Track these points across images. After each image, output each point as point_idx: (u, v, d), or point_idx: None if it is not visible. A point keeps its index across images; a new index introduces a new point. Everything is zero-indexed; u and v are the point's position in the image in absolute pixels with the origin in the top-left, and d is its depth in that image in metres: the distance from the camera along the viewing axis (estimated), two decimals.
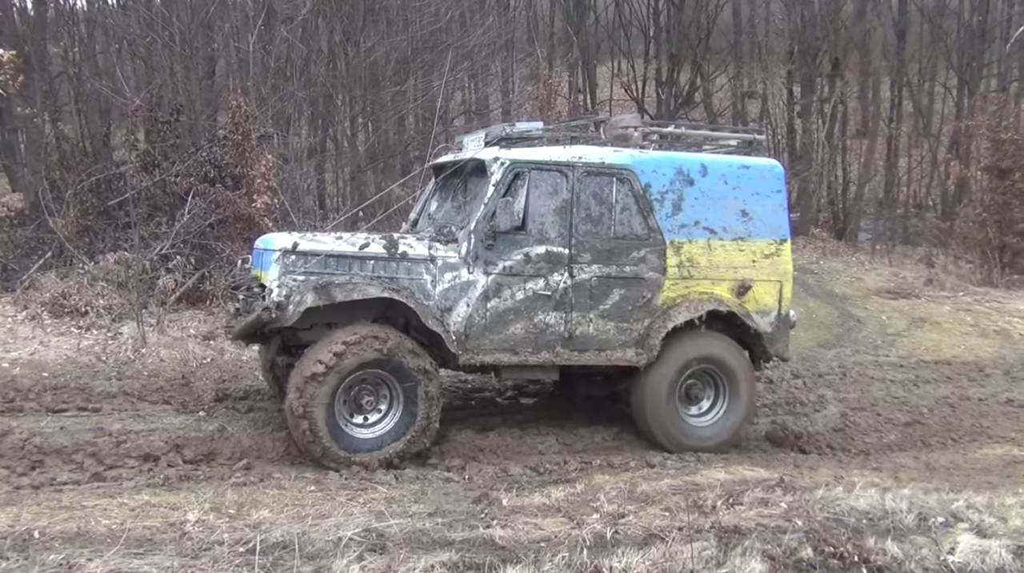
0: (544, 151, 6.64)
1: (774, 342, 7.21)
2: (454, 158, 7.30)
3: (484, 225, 6.41)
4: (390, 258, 6.35)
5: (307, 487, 5.60)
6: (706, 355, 6.96)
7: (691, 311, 6.83)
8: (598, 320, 6.73)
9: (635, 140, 6.95)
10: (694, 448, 6.85)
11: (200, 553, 4.19)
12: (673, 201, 6.87)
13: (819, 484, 5.77)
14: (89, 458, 5.99)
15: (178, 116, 12.19)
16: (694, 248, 6.92)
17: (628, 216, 6.78)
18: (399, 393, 6.23)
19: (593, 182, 6.69)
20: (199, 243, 10.78)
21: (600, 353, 6.76)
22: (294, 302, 6.03)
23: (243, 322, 6.31)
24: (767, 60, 24.62)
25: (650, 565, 4.18)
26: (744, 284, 7.05)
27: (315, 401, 5.94)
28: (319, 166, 15.15)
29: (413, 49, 16.23)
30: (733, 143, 7.43)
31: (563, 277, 6.61)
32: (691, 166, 6.94)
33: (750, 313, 7.07)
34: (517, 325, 6.56)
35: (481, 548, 4.41)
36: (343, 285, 6.13)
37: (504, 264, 6.48)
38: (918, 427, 8.09)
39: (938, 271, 16.77)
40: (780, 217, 7.20)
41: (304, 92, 14.19)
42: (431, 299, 6.37)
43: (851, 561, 4.37)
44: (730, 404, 7.07)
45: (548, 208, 6.61)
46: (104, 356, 8.99)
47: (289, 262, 6.20)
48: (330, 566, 4.04)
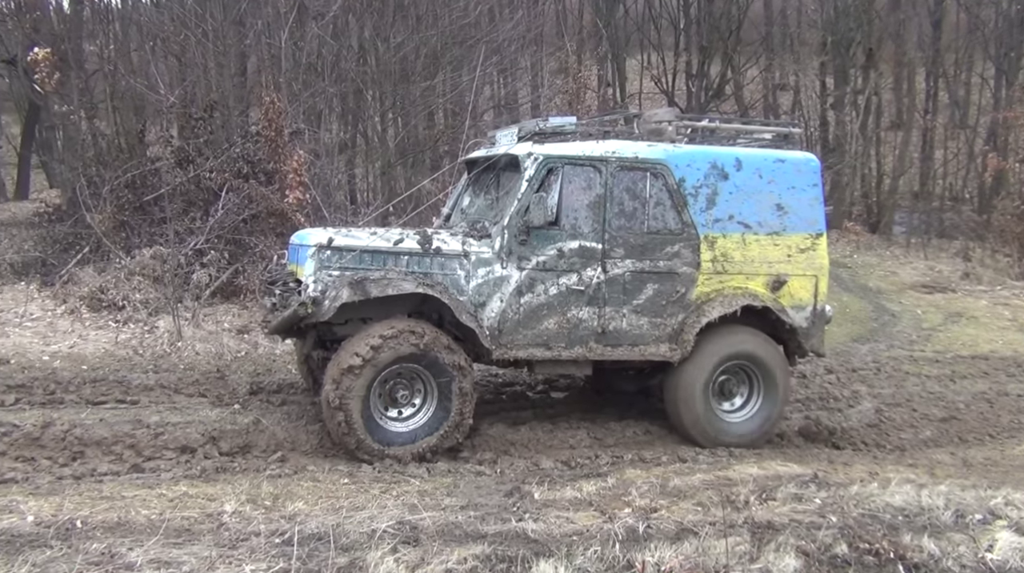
0: (577, 146, 6.64)
1: (809, 337, 7.15)
2: (487, 153, 7.32)
3: (517, 220, 6.43)
4: (424, 253, 6.39)
5: (341, 480, 5.66)
6: (741, 351, 6.93)
7: (725, 306, 6.80)
8: (631, 315, 6.72)
9: (669, 134, 6.92)
10: (727, 444, 6.84)
11: (237, 543, 4.25)
12: (707, 195, 6.84)
13: (854, 480, 5.72)
14: (128, 449, 6.11)
15: (211, 112, 12.31)
16: (728, 243, 6.89)
17: (662, 211, 6.76)
18: (433, 388, 6.27)
19: (627, 177, 6.68)
20: (233, 238, 10.91)
21: (633, 348, 6.76)
22: (330, 297, 6.09)
23: (279, 317, 6.38)
24: (799, 51, 24.30)
25: (683, 560, 4.18)
26: (779, 279, 7.01)
27: (351, 394, 5.99)
28: (350, 161, 15.23)
29: (442, 44, 16.23)
30: (768, 137, 7.37)
31: (596, 272, 6.61)
32: (726, 160, 6.90)
33: (785, 308, 7.02)
34: (550, 320, 6.57)
35: (513, 541, 4.43)
36: (378, 281, 6.19)
37: (537, 259, 6.50)
38: (955, 423, 7.98)
39: (975, 265, 16.50)
40: (816, 211, 7.14)
41: (335, 88, 14.27)
42: (465, 294, 6.40)
43: (887, 558, 4.33)
44: (764, 400, 7.04)
45: (581, 203, 6.61)
46: (141, 349, 9.13)
47: (324, 257, 6.27)
48: (364, 558, 4.08)
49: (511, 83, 20.75)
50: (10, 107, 26.98)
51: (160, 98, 13.17)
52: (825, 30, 22.76)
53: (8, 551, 4.00)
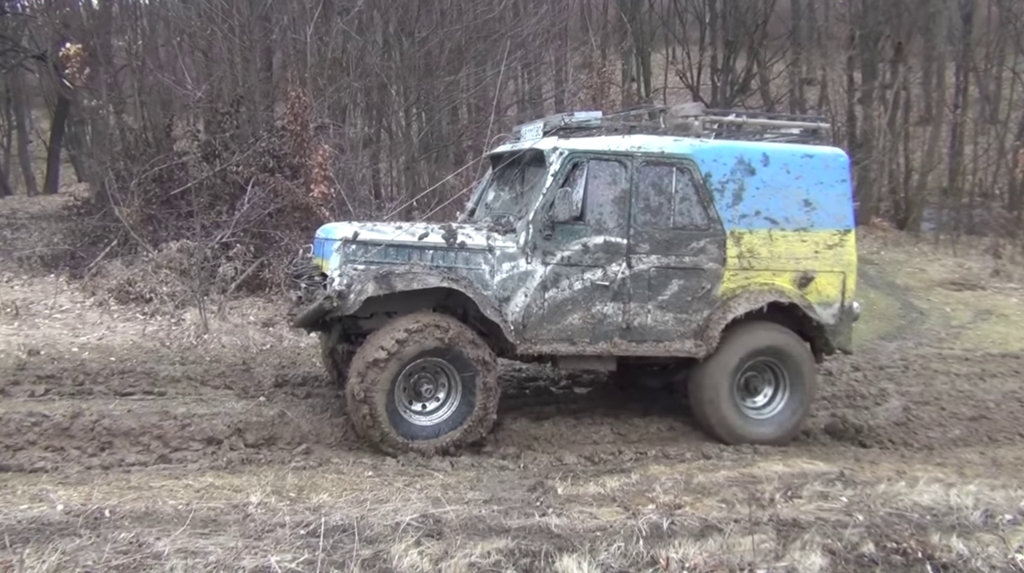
0: (603, 141, 6.62)
1: (836, 334, 7.09)
2: (512, 148, 7.30)
3: (542, 215, 6.42)
4: (449, 248, 6.40)
5: (365, 472, 5.69)
6: (767, 347, 6.88)
7: (751, 302, 6.76)
8: (656, 311, 6.69)
9: (695, 129, 6.88)
10: (753, 440, 6.79)
11: (263, 534, 4.29)
12: (734, 191, 6.79)
13: (881, 478, 5.68)
14: (155, 440, 6.17)
15: (237, 107, 12.40)
16: (755, 239, 6.84)
17: (688, 206, 6.73)
18: (458, 382, 6.28)
19: (652, 172, 6.65)
20: (258, 231, 10.99)
21: (658, 344, 6.74)
22: (355, 291, 6.11)
23: (305, 310, 6.42)
24: (827, 46, 24.04)
25: (707, 556, 4.15)
26: (806, 275, 6.95)
27: (376, 386, 6.02)
28: (374, 156, 15.28)
29: (467, 39, 16.23)
30: (795, 132, 7.30)
31: (621, 267, 6.59)
32: (753, 155, 6.85)
33: (812, 304, 6.97)
34: (575, 315, 6.56)
35: (537, 536, 4.44)
36: (403, 275, 6.20)
37: (562, 254, 6.49)
38: (984, 422, 7.87)
39: (1005, 262, 16.26)
40: (844, 207, 7.08)
41: (359, 83, 14.31)
42: (489, 289, 6.41)
43: (914, 557, 4.28)
44: (790, 397, 7.00)
45: (607, 198, 6.59)
46: (168, 341, 9.23)
47: (349, 251, 6.30)
48: (388, 550, 4.10)
49: (535, 78, 20.68)
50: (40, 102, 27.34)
51: (187, 93, 13.29)
52: (853, 24, 22.49)
53: (38, 539, 4.06)
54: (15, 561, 3.74)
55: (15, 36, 20.82)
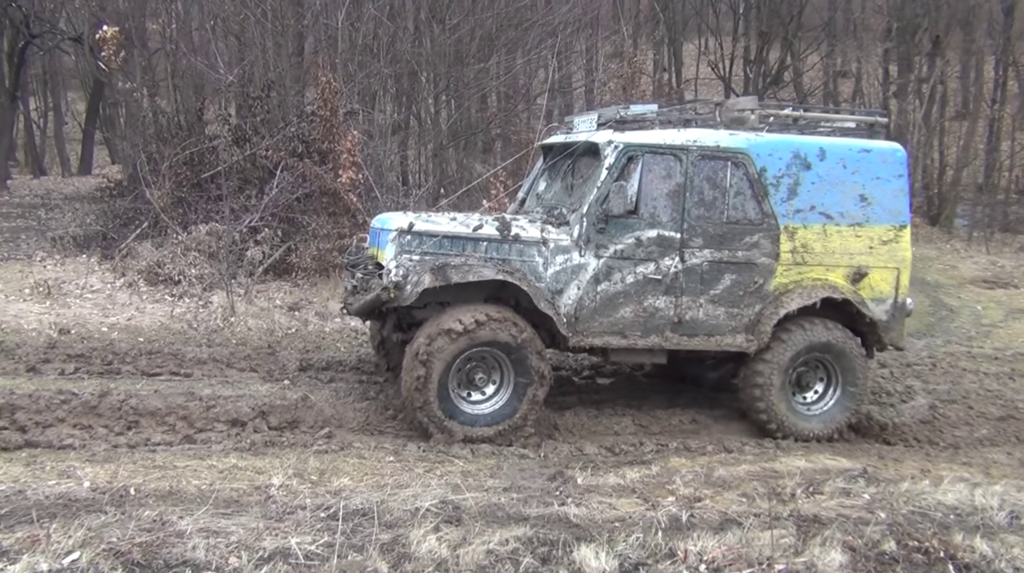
0: (658, 134, 6.61)
1: (889, 331, 7.07)
2: (564, 139, 7.31)
3: (596, 208, 6.44)
4: (503, 240, 6.43)
5: (386, 457, 5.72)
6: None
7: (804, 298, 6.74)
8: (708, 305, 6.70)
9: (751, 123, 6.83)
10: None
11: (284, 516, 4.34)
12: (789, 186, 6.77)
13: (904, 477, 5.62)
14: (181, 421, 6.26)
15: (268, 92, 12.48)
16: (809, 234, 6.82)
17: (742, 200, 6.72)
18: (510, 385, 6.34)
19: (707, 166, 6.64)
20: (286, 216, 11.06)
21: (709, 338, 6.75)
22: (412, 282, 6.17)
23: (362, 300, 6.49)
24: (863, 38, 23.69)
25: (726, 550, 4.15)
26: (860, 271, 6.92)
27: (440, 354, 6.07)
28: (402, 142, 15.31)
29: (497, 26, 16.19)
30: (851, 125, 7.21)
31: (674, 261, 6.60)
32: (809, 150, 6.81)
33: (865, 300, 6.93)
34: (626, 308, 6.58)
35: (555, 525, 4.45)
36: (459, 267, 6.23)
37: (615, 247, 6.50)
38: (1012, 422, 7.73)
39: None
40: (900, 202, 7.03)
41: (390, 69, 14.33)
42: (542, 281, 6.44)
43: (936, 557, 4.24)
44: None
45: (661, 192, 6.59)
46: (195, 324, 9.34)
47: (405, 242, 6.35)
48: (407, 535, 4.14)
49: (565, 67, 20.59)
50: (76, 84, 27.70)
51: (219, 77, 13.37)
52: (890, 16, 22.12)
53: (65, 515, 4.14)
54: (42, 536, 3.82)
55: (52, 18, 21.09)
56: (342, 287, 7.22)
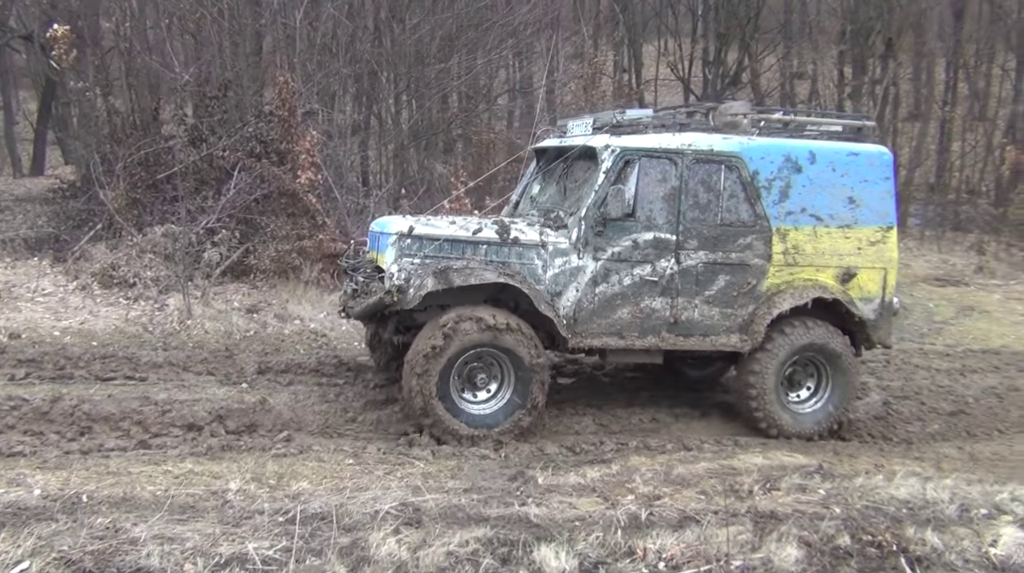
0: (654, 138, 6.72)
1: (877, 329, 7.24)
2: (560, 143, 7.39)
3: (594, 212, 6.54)
4: (502, 243, 6.51)
5: (345, 460, 5.70)
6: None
7: (796, 298, 6.89)
8: (703, 306, 6.82)
9: (744, 127, 6.95)
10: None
11: (241, 521, 4.29)
12: (780, 188, 6.90)
13: (859, 472, 5.73)
14: (135, 426, 6.17)
15: (225, 91, 12.29)
16: (800, 235, 6.96)
17: (735, 203, 6.84)
18: (508, 392, 6.41)
19: (702, 169, 6.76)
20: (244, 217, 10.91)
21: (705, 338, 6.86)
22: (414, 286, 6.22)
23: (364, 303, 6.50)
24: (818, 40, 24.04)
25: (684, 548, 4.18)
26: (849, 271, 7.08)
27: (462, 336, 6.16)
28: (363, 143, 15.20)
29: (458, 26, 16.14)
30: (836, 129, 7.37)
31: (670, 263, 6.71)
32: (799, 153, 6.95)
33: (854, 300, 7.08)
34: (624, 310, 6.69)
35: (516, 525, 4.45)
36: (461, 270, 6.31)
37: (613, 250, 6.62)
38: (963, 417, 7.94)
39: (989, 259, 16.34)
40: (887, 204, 7.20)
41: (349, 69, 14.21)
42: (541, 284, 6.52)
43: (889, 550, 4.32)
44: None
45: (657, 195, 6.71)
46: (151, 327, 9.19)
47: (405, 245, 6.41)
48: (367, 538, 4.11)
49: (526, 67, 20.62)
50: (27, 83, 27.06)
51: (175, 76, 13.14)
52: (844, 19, 22.49)
53: (14, 523, 4.05)
54: None
55: (2, 16, 20.58)
56: (341, 291, 7.29)
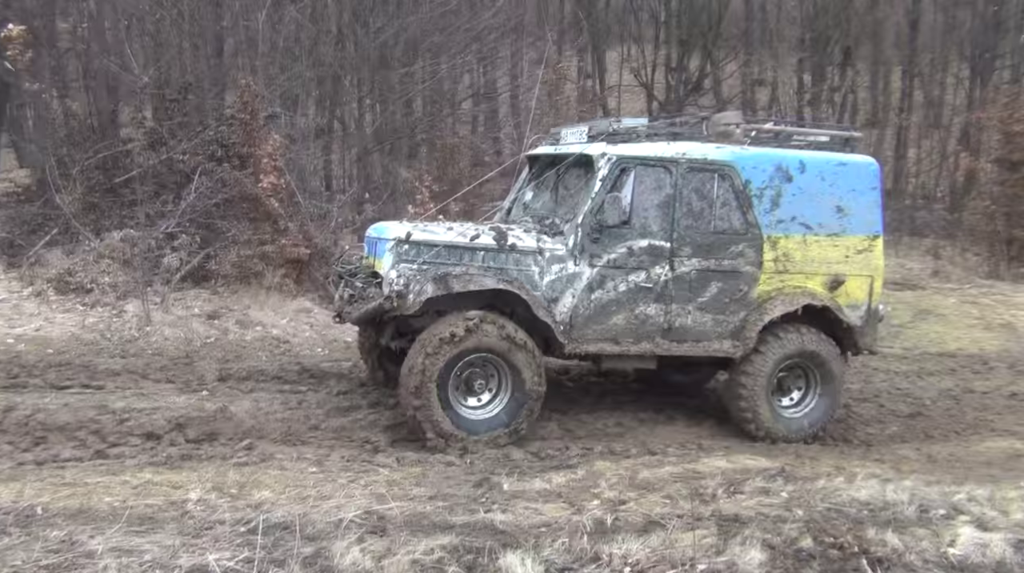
0: (649, 147, 6.81)
1: (864, 336, 7.36)
2: (555, 150, 7.45)
3: (591, 219, 6.59)
4: (500, 249, 6.53)
5: (308, 468, 5.62)
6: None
7: (786, 305, 7.00)
8: (696, 312, 6.90)
9: (737, 137, 7.05)
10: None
11: (201, 532, 4.21)
12: (772, 197, 7.00)
13: (820, 474, 5.78)
14: (92, 435, 6.03)
15: (186, 94, 12.13)
16: (790, 243, 7.06)
17: (728, 211, 6.93)
18: (498, 407, 6.45)
19: (696, 178, 6.84)
20: (204, 222, 10.76)
21: (698, 344, 6.94)
22: (414, 292, 6.23)
23: (362, 309, 6.48)
24: (778, 48, 24.40)
25: (650, 552, 4.19)
26: (837, 278, 7.19)
27: (482, 337, 6.21)
28: (326, 147, 15.10)
29: (422, 31, 16.12)
30: (824, 139, 7.49)
31: (664, 270, 6.78)
32: (790, 163, 7.05)
33: (842, 307, 7.20)
34: (619, 316, 6.74)
35: (481, 532, 4.43)
36: (460, 276, 6.35)
37: (608, 257, 6.66)
38: (921, 419, 8.07)
39: (945, 263, 16.67)
40: (874, 213, 7.33)
41: (312, 72, 14.12)
42: (538, 290, 6.57)
43: (850, 552, 4.37)
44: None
45: (652, 203, 6.77)
46: (108, 334, 9.01)
47: (403, 251, 6.40)
48: (330, 547, 4.06)
49: (490, 72, 20.66)
50: None
51: (134, 78, 12.94)
52: (804, 27, 22.88)
53: None
54: None
55: None
56: (336, 296, 7.26)
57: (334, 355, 9.09)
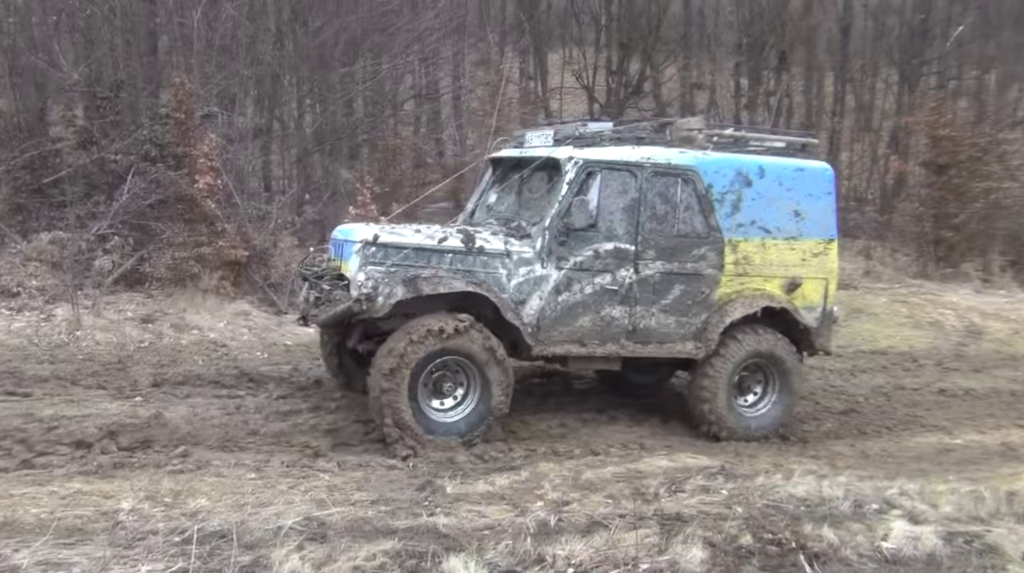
0: (615, 151, 6.87)
1: (819, 337, 7.53)
2: (520, 153, 7.45)
3: (558, 222, 6.64)
4: (468, 252, 6.53)
5: (246, 475, 5.52)
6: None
7: (747, 307, 7.12)
8: (660, 314, 6.98)
9: (700, 142, 7.13)
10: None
11: (134, 543, 4.10)
12: (732, 201, 7.11)
13: (759, 471, 5.88)
14: (18, 444, 5.81)
15: (118, 92, 11.81)
16: (750, 246, 7.19)
17: (691, 215, 7.03)
18: (458, 414, 6.46)
19: (660, 182, 6.92)
20: (138, 223, 10.51)
21: (661, 345, 7.04)
22: (384, 294, 6.21)
23: (331, 311, 6.40)
24: (716, 52, 24.80)
25: (593, 552, 4.21)
26: (794, 281, 7.34)
27: (466, 340, 6.24)
28: (264, 147, 14.84)
29: (363, 30, 15.95)
30: (779, 145, 7.62)
31: (629, 272, 6.85)
32: (750, 168, 7.18)
33: (799, 309, 7.34)
34: (585, 318, 6.79)
35: (424, 536, 4.40)
36: (429, 279, 6.35)
37: (575, 260, 6.71)
38: (854, 416, 8.27)
39: (876, 263, 17.10)
40: (829, 218, 7.53)
41: (250, 71, 13.85)
42: (505, 292, 6.58)
43: (788, 548, 4.46)
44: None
45: (617, 206, 6.84)
46: (36, 339, 8.73)
47: (370, 253, 6.36)
48: (269, 556, 4.00)
49: (432, 72, 20.55)
50: None
51: (63, 76, 12.55)
52: (741, 32, 23.28)
53: None
54: None
55: None
56: (300, 298, 7.21)
57: (273, 359, 8.94)
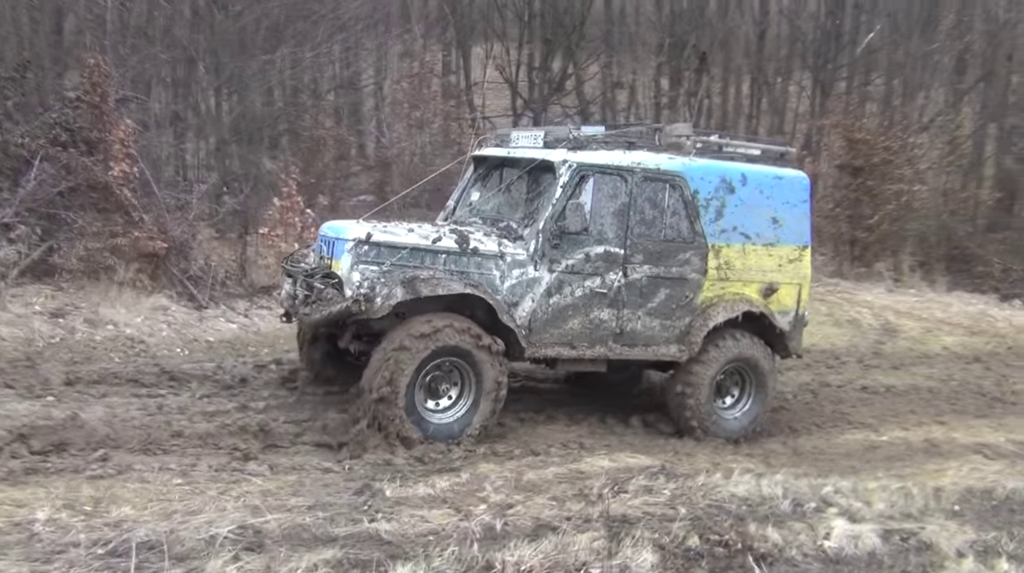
0: (607, 155, 6.94)
1: (791, 340, 7.75)
2: (508, 153, 7.42)
3: (551, 225, 6.68)
4: (462, 253, 6.53)
5: (173, 480, 5.24)
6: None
7: (728, 311, 7.28)
8: (646, 317, 7.08)
9: (687, 148, 7.21)
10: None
11: (52, 556, 3.84)
12: (716, 207, 7.27)
13: (699, 470, 5.92)
14: None
15: (23, 73, 11.15)
16: (731, 252, 7.36)
17: (677, 220, 7.15)
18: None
19: (649, 187, 7.01)
20: (47, 212, 9.93)
21: (647, 348, 7.13)
22: (382, 295, 6.16)
23: (324, 311, 6.23)
24: (638, 51, 25.09)
25: (543, 558, 4.14)
26: (771, 286, 7.54)
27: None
28: (180, 135, 14.29)
29: (285, 17, 15.53)
30: (756, 153, 7.74)
31: (618, 276, 6.93)
32: (733, 175, 7.33)
33: (775, 313, 7.52)
34: (575, 320, 6.87)
35: (367, 543, 4.25)
36: (427, 280, 6.32)
37: (567, 262, 6.78)
38: (784, 413, 8.45)
39: None
40: (804, 225, 7.74)
41: (167, 55, 13.30)
42: (499, 294, 6.59)
43: (736, 549, 4.48)
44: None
45: (608, 210, 6.91)
46: None
47: (362, 252, 6.32)
48: (203, 568, 3.80)
49: (355, 63, 20.16)
50: None
51: None
52: (662, 32, 23.61)
53: None
54: None
55: None
56: (284, 294, 6.99)
57: (195, 356, 8.58)
